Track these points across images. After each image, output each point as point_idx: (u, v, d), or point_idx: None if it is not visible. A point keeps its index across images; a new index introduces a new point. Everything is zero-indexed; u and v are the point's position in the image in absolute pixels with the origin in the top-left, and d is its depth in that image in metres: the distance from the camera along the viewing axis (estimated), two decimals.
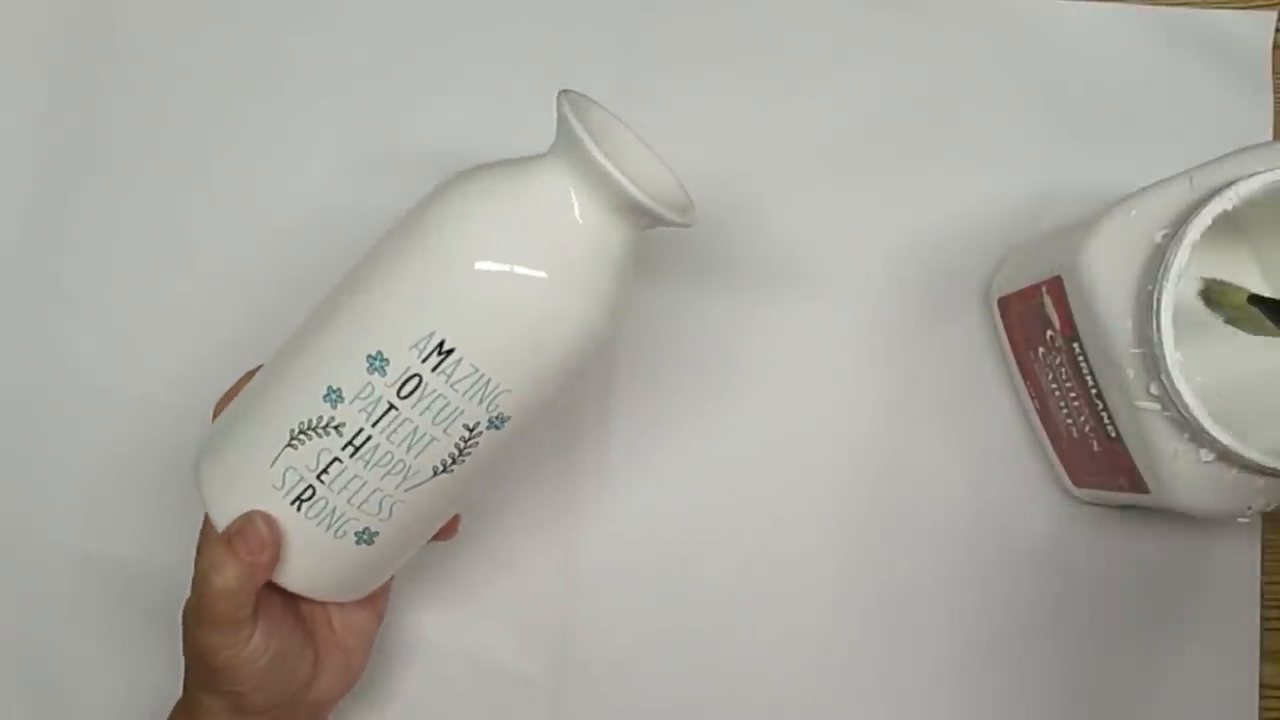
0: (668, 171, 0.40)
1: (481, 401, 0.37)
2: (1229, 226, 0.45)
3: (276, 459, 0.38)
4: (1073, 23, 0.53)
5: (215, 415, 0.42)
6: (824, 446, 0.51)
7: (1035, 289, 0.45)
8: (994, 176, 0.52)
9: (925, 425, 0.51)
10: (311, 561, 0.40)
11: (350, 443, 0.37)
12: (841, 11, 0.53)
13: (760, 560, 0.51)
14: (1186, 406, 0.38)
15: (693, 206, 0.39)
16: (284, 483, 0.38)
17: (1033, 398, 0.49)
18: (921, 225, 0.52)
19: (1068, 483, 0.50)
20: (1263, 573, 0.51)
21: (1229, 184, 0.38)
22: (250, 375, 0.42)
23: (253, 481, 0.39)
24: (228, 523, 0.39)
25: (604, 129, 0.39)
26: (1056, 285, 0.42)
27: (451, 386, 0.37)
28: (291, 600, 0.41)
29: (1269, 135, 0.52)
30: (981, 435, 0.51)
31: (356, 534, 0.39)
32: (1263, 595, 0.51)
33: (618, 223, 0.37)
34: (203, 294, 0.52)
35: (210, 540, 0.39)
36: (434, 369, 0.36)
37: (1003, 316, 0.50)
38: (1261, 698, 0.50)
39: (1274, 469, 0.38)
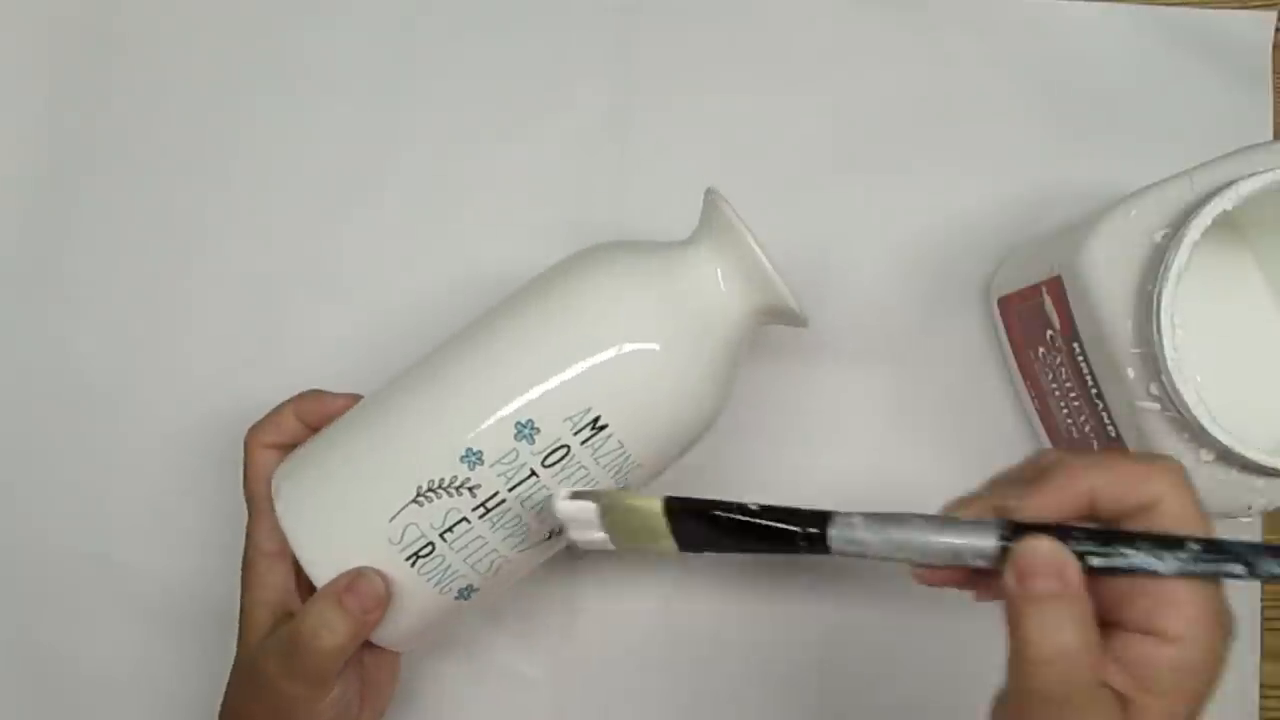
0: (775, 271, 0.40)
1: (616, 474, 0.39)
2: (1229, 226, 0.45)
3: (398, 514, 0.38)
4: (1073, 23, 0.53)
5: (251, 439, 0.42)
6: (823, 445, 0.51)
7: (1035, 289, 0.45)
8: (994, 176, 0.52)
9: (925, 425, 0.51)
10: (410, 617, 0.40)
11: (483, 504, 0.38)
12: (841, 12, 0.53)
13: (762, 559, 0.51)
14: (1186, 406, 0.38)
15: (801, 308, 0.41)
16: (402, 538, 0.38)
17: (1033, 398, 0.49)
18: (921, 225, 0.52)
19: None
20: None
21: (1229, 184, 0.38)
22: (299, 400, 0.42)
23: (366, 535, 0.38)
24: (333, 575, 0.38)
25: (733, 226, 0.40)
26: (1056, 285, 0.42)
27: (595, 459, 0.38)
28: (356, 658, 0.41)
29: (1269, 135, 0.52)
30: (981, 435, 0.51)
31: (460, 590, 0.40)
32: (1263, 595, 0.51)
33: (752, 317, 0.40)
34: (204, 294, 0.52)
35: (319, 596, 0.38)
36: (584, 442, 0.38)
37: (1003, 316, 0.50)
38: (1262, 697, 0.50)
39: (1274, 469, 0.38)
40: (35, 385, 0.51)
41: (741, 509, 0.34)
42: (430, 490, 0.38)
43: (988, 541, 0.31)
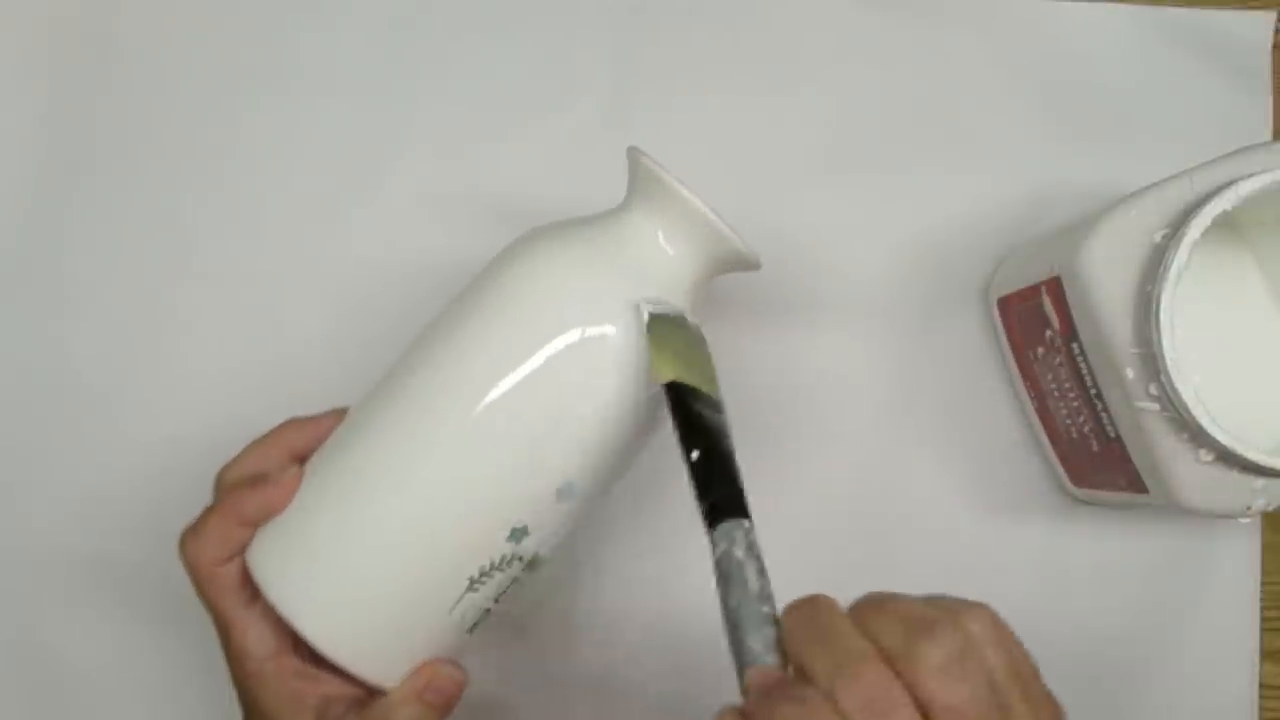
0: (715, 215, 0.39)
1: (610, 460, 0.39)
2: (1229, 226, 0.45)
3: (456, 605, 0.37)
4: (1073, 23, 0.53)
5: (196, 560, 0.39)
6: (823, 445, 0.51)
7: (1035, 289, 0.45)
8: (994, 176, 0.52)
9: (925, 425, 0.51)
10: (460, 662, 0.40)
11: (531, 563, 0.38)
12: (842, 13, 0.53)
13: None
14: (1186, 406, 0.38)
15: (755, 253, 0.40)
16: (463, 620, 0.38)
17: (1032, 398, 0.49)
18: (921, 225, 0.52)
19: (1068, 483, 0.50)
20: (1263, 573, 0.51)
21: (1229, 184, 0.38)
22: (236, 503, 0.38)
23: (428, 632, 0.37)
24: (403, 675, 0.37)
25: (662, 179, 0.39)
26: (1056, 285, 0.42)
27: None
28: None
29: (1269, 135, 0.52)
30: (981, 435, 0.51)
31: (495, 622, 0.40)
32: (1263, 595, 0.51)
33: (703, 270, 0.39)
34: (203, 294, 0.52)
35: (401, 700, 0.37)
36: None
37: (1003, 316, 0.50)
38: (1261, 697, 0.50)
39: (1274, 469, 0.38)
40: (34, 385, 0.51)
41: (699, 441, 0.34)
42: (484, 574, 0.37)
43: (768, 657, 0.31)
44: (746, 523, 0.32)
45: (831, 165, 0.52)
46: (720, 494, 0.33)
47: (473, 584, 0.37)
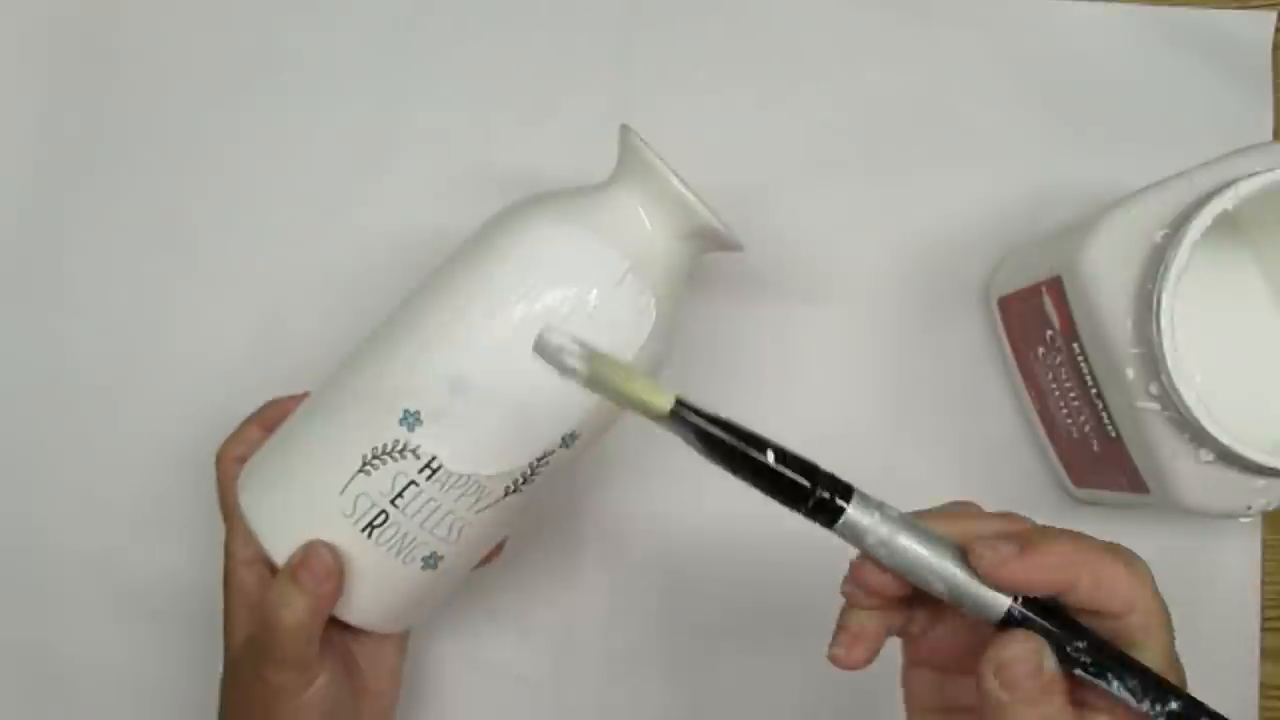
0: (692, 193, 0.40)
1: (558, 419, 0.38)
2: (1229, 226, 0.45)
3: (347, 486, 0.38)
4: (1073, 22, 0.53)
5: (221, 455, 0.43)
6: (823, 446, 0.51)
7: (1035, 289, 0.45)
8: (994, 176, 0.52)
9: (925, 425, 0.51)
10: (376, 591, 0.39)
11: (427, 465, 0.37)
12: (842, 12, 0.53)
13: (760, 560, 0.51)
14: (1186, 406, 0.38)
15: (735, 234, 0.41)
16: (355, 509, 0.38)
17: (1033, 398, 0.49)
18: (921, 225, 0.52)
19: (1068, 483, 0.50)
20: (1263, 573, 0.51)
21: (1229, 184, 0.38)
22: (261, 412, 0.43)
23: (320, 511, 0.38)
24: (288, 554, 0.38)
25: (643, 156, 0.40)
26: (1056, 285, 0.42)
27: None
28: (341, 650, 0.41)
29: (1269, 135, 0.52)
30: (981, 436, 0.51)
31: (424, 559, 0.39)
32: (1263, 595, 0.51)
33: (683, 247, 0.40)
34: (203, 293, 0.52)
35: (278, 575, 0.38)
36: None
37: (1003, 316, 0.50)
38: (1262, 698, 0.50)
39: (1274, 469, 0.38)
40: (34, 385, 0.51)
41: (758, 444, 0.31)
42: (375, 458, 0.37)
43: (997, 603, 0.30)
44: (856, 493, 0.31)
45: (831, 165, 0.52)
46: (824, 478, 0.32)
47: (365, 464, 0.37)
